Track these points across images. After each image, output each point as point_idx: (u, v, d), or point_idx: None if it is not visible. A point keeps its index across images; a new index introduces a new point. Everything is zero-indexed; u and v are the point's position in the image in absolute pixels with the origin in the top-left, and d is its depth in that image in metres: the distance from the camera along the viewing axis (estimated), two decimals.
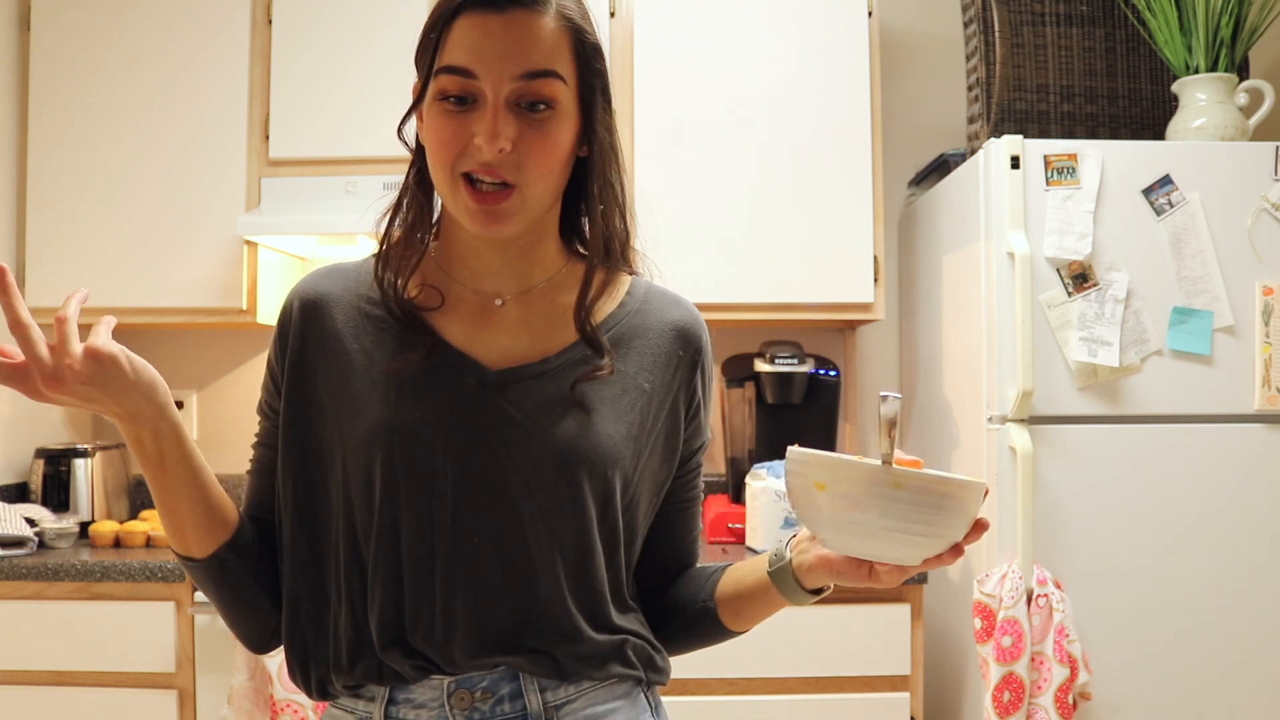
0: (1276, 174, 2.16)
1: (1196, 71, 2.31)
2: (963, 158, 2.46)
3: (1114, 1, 2.45)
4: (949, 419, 2.45)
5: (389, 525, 0.94)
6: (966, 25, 2.60)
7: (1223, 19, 2.28)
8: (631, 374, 1.00)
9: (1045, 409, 2.13)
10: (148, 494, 2.80)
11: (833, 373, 2.62)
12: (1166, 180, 2.15)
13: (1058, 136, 2.41)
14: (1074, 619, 2.09)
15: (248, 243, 2.51)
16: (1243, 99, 2.29)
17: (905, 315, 2.84)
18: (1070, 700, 2.04)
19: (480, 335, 1.00)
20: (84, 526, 2.55)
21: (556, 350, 0.99)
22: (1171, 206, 2.15)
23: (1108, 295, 2.13)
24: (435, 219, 1.03)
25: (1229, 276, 2.15)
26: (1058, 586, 2.09)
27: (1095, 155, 2.14)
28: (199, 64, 2.53)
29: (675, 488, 1.07)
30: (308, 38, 2.53)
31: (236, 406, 2.89)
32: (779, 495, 2.27)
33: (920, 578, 2.21)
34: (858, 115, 2.51)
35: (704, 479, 1.13)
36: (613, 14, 2.54)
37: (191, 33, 2.53)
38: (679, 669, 1.28)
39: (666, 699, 1.10)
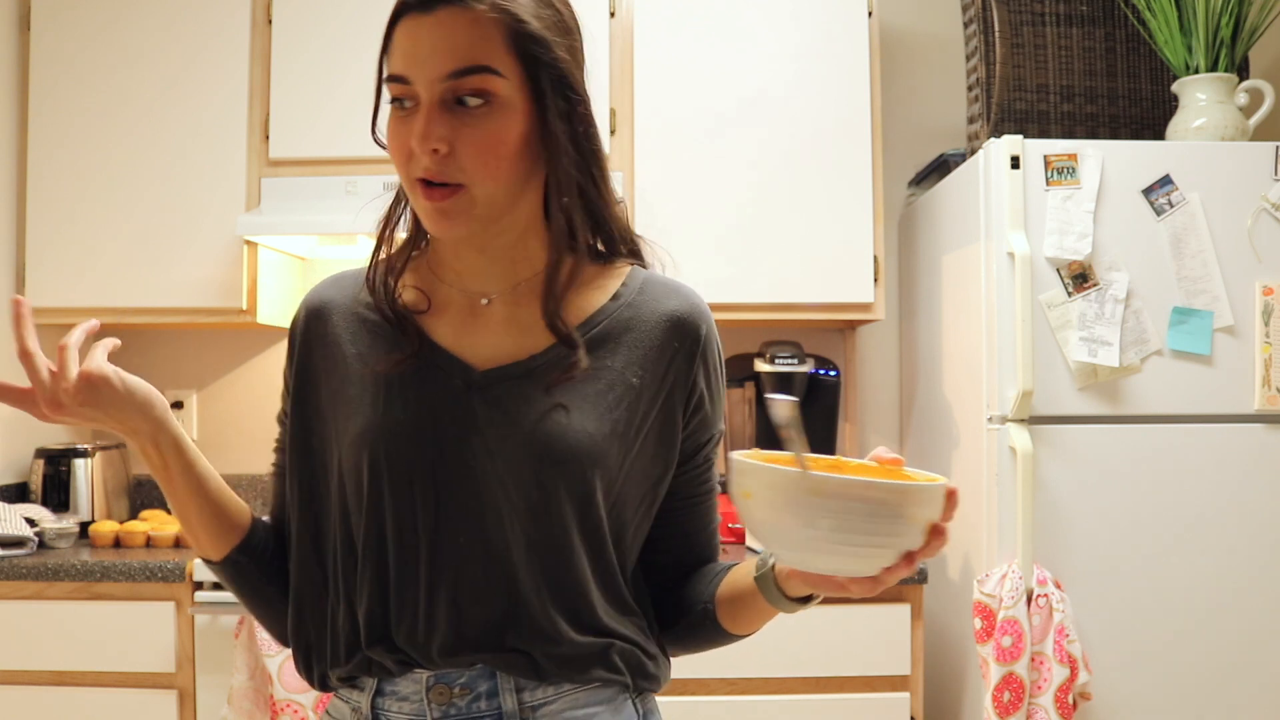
0: (1276, 174, 2.16)
1: (1196, 71, 2.31)
2: (963, 158, 2.46)
3: (1114, 1, 2.45)
4: (949, 419, 2.45)
5: (375, 525, 0.96)
6: (966, 25, 2.60)
7: (1223, 19, 2.28)
8: (619, 369, 0.98)
9: (1045, 409, 2.13)
10: (148, 494, 2.80)
11: (833, 373, 2.62)
12: (1166, 180, 2.15)
13: (1058, 136, 2.41)
14: (1074, 619, 2.09)
15: (248, 243, 2.51)
16: (1243, 99, 2.29)
17: (905, 315, 2.84)
18: (1070, 700, 2.04)
19: (468, 336, 1.00)
20: (84, 526, 2.55)
21: (542, 349, 0.98)
22: (1171, 206, 2.15)
23: (1108, 295, 2.13)
24: None
25: (1229, 276, 2.15)
26: (1058, 586, 2.09)
27: (1095, 155, 2.14)
28: (199, 64, 2.53)
29: (684, 483, 1.05)
30: (308, 38, 2.52)
31: (236, 407, 2.89)
32: None
33: (920, 577, 2.20)
34: (858, 115, 2.51)
35: None
36: (613, 14, 2.54)
37: (191, 33, 2.53)
38: (679, 669, 1.27)
39: (666, 699, 1.09)
